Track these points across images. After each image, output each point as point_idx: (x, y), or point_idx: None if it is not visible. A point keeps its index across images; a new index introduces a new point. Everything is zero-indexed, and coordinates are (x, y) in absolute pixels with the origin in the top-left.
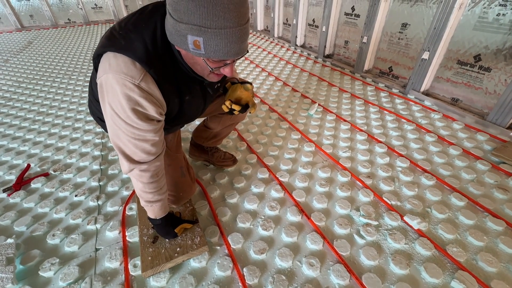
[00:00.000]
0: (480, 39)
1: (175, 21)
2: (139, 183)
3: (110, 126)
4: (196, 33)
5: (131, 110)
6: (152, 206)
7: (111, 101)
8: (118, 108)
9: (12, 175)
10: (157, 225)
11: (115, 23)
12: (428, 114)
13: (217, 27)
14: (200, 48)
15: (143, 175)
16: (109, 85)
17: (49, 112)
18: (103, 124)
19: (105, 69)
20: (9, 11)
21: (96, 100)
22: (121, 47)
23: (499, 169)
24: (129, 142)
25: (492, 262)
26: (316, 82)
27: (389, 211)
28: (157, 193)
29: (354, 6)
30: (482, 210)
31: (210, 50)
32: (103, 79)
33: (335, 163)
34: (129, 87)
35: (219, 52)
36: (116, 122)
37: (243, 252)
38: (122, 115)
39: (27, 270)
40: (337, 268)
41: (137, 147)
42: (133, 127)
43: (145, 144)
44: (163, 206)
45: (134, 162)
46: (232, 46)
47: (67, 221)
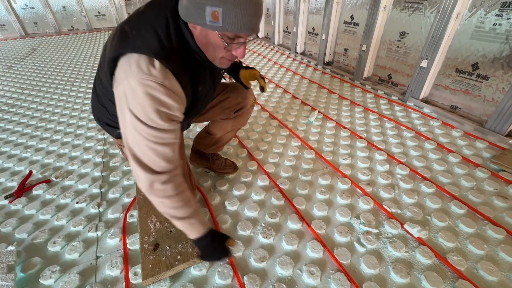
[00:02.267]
0: (478, 47)
1: None
2: (165, 200)
3: (130, 134)
4: (216, 2)
5: (155, 111)
6: (191, 224)
7: (132, 106)
8: (139, 112)
9: (14, 182)
10: (204, 246)
11: (123, 23)
12: (427, 121)
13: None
14: (218, 20)
15: (166, 188)
16: (131, 89)
17: (52, 118)
18: (110, 129)
19: (126, 73)
20: (14, 19)
21: (101, 105)
22: (137, 47)
23: (499, 176)
24: (150, 150)
25: (492, 271)
26: (316, 89)
27: (389, 219)
28: (188, 205)
29: (353, 15)
30: (482, 218)
31: (228, 22)
32: (125, 85)
33: (335, 170)
34: (153, 87)
35: (237, 24)
36: (137, 127)
37: (243, 260)
38: (144, 118)
39: (27, 278)
40: (338, 277)
41: (158, 154)
42: (156, 129)
43: (166, 149)
44: (201, 219)
45: (154, 173)
46: (250, 18)
47: (68, 228)
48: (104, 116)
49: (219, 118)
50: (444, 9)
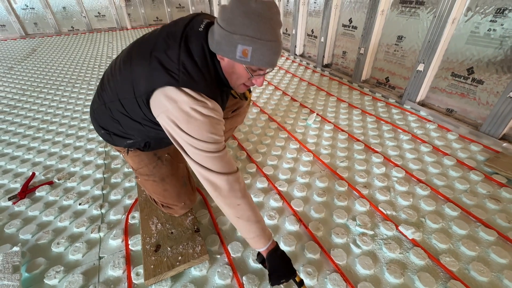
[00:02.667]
0: (473, 52)
1: (228, 33)
2: (243, 201)
3: (193, 153)
4: (247, 43)
5: (212, 130)
6: (263, 229)
7: (189, 130)
8: (198, 133)
9: (17, 183)
10: (276, 258)
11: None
12: (424, 124)
13: (266, 39)
14: (247, 56)
15: (242, 185)
16: (184, 114)
17: (53, 120)
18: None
19: (176, 101)
20: (14, 19)
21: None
22: (185, 83)
23: (492, 179)
24: (215, 159)
25: (483, 272)
26: (314, 92)
27: (384, 221)
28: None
29: (351, 18)
30: (474, 220)
31: (256, 58)
32: (176, 111)
33: (332, 173)
34: (208, 110)
35: (262, 61)
36: (198, 145)
37: (242, 260)
38: (203, 137)
39: (32, 278)
40: (334, 277)
41: (222, 159)
42: (214, 143)
43: (225, 154)
44: (266, 228)
45: (228, 174)
46: (273, 56)
47: (71, 230)
48: (112, 127)
49: None
50: (440, 14)
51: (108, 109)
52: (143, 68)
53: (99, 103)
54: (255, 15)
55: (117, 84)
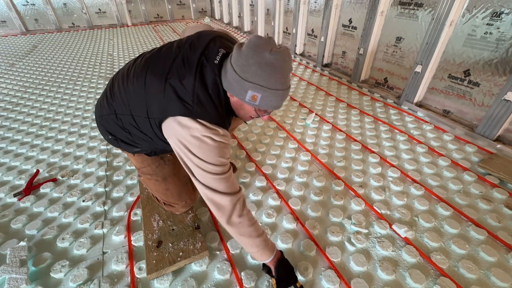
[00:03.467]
0: (469, 55)
1: (240, 78)
2: (245, 219)
3: (200, 175)
4: (257, 90)
5: (221, 154)
6: (266, 241)
7: (199, 153)
8: (209, 157)
9: (22, 180)
10: (283, 267)
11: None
12: (420, 125)
13: (275, 89)
14: (256, 101)
15: (244, 205)
16: (196, 140)
17: (56, 118)
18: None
19: (189, 128)
20: (15, 15)
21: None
22: (198, 115)
23: (485, 180)
24: (221, 180)
25: (472, 269)
26: (313, 92)
27: (378, 220)
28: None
29: (351, 18)
30: (466, 220)
31: (264, 104)
32: (187, 136)
33: (329, 173)
34: (218, 136)
35: (270, 106)
36: (207, 168)
37: (241, 257)
38: (213, 160)
39: (39, 271)
40: (328, 274)
41: (228, 180)
42: (222, 166)
43: (230, 175)
44: (270, 241)
45: (232, 194)
46: (280, 102)
47: (76, 225)
48: (121, 135)
49: None
50: (438, 17)
51: (119, 120)
52: (157, 94)
53: (109, 111)
54: (268, 66)
55: (130, 99)
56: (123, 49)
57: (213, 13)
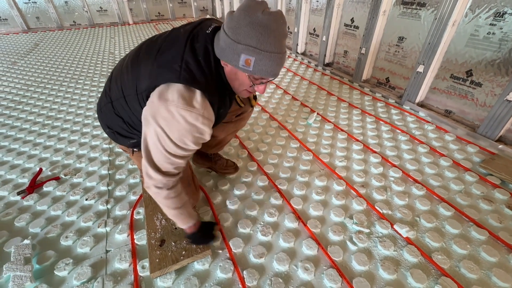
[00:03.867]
0: (472, 55)
1: (232, 41)
2: (163, 191)
3: (153, 144)
4: (250, 53)
5: (191, 137)
6: (182, 213)
7: (165, 126)
8: (174, 134)
9: (25, 178)
10: (193, 233)
11: (162, 53)
12: (422, 125)
13: (269, 51)
14: (249, 65)
15: (168, 183)
16: (169, 114)
17: (58, 116)
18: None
19: (166, 99)
20: (16, 13)
21: (116, 115)
22: (185, 79)
23: (486, 180)
24: (167, 160)
25: (473, 269)
26: (315, 91)
27: (380, 220)
28: (179, 198)
29: (353, 18)
30: (467, 220)
31: (258, 69)
32: (163, 109)
33: (331, 172)
34: (195, 118)
35: (264, 71)
36: (165, 144)
37: (243, 256)
38: (177, 140)
39: (43, 269)
40: (330, 273)
41: (173, 163)
42: (184, 149)
43: (182, 161)
44: (191, 211)
45: (164, 175)
46: (275, 67)
47: (79, 224)
48: (116, 125)
49: (222, 122)
50: (441, 17)
51: (115, 108)
52: (147, 66)
53: (106, 101)
54: (261, 27)
55: (123, 82)
56: (124, 47)
57: (214, 12)
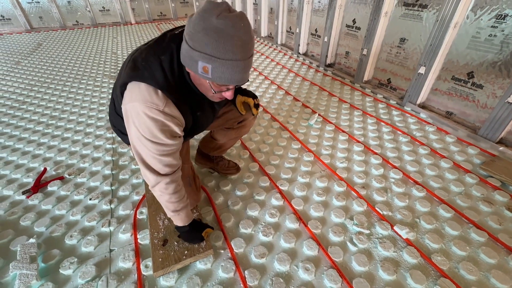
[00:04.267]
0: (473, 57)
1: (189, 48)
2: (165, 195)
3: (138, 145)
4: (206, 60)
5: (159, 131)
6: (179, 215)
7: (138, 126)
8: (145, 132)
9: (30, 178)
10: (184, 232)
11: (138, 53)
12: (423, 126)
13: (225, 58)
14: (208, 73)
15: (168, 187)
16: (135, 112)
17: (61, 116)
18: (124, 136)
19: (131, 97)
20: (19, 13)
21: (118, 115)
22: (145, 78)
23: (486, 182)
24: (155, 159)
25: (472, 271)
26: (317, 92)
27: (380, 221)
28: (181, 201)
29: (355, 19)
30: (467, 222)
31: (216, 76)
32: (130, 107)
33: (332, 173)
34: (156, 113)
35: (223, 79)
36: (144, 143)
37: (245, 256)
38: (149, 136)
39: (48, 268)
40: (330, 273)
41: (162, 162)
42: (161, 144)
43: (169, 158)
44: (188, 213)
45: (160, 175)
46: (235, 75)
47: (83, 223)
48: (119, 124)
49: (224, 127)
50: (442, 19)
51: (115, 106)
52: (125, 64)
53: (111, 101)
54: (215, 32)
55: (117, 81)
56: (127, 47)
57: None
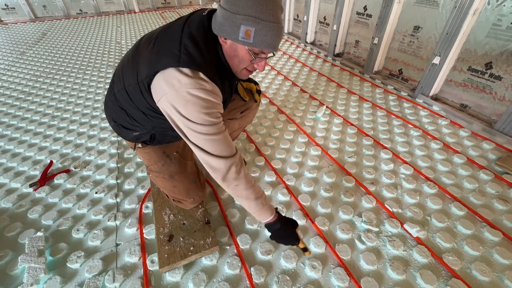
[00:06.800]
0: (493, 46)
1: (230, 13)
2: (242, 182)
3: (192, 136)
4: (250, 23)
5: (206, 113)
6: (263, 204)
7: (185, 113)
8: (194, 116)
9: (36, 171)
10: (277, 230)
11: (163, 38)
12: (436, 120)
13: (269, 20)
14: (249, 37)
15: (241, 170)
16: (184, 99)
17: (67, 108)
18: (126, 131)
19: (173, 85)
20: (23, 2)
21: (120, 108)
22: (185, 62)
23: (502, 179)
24: (213, 142)
25: (485, 272)
26: (325, 83)
27: (390, 218)
28: (256, 186)
29: (366, 6)
30: (480, 220)
31: (259, 40)
32: (174, 95)
33: (340, 168)
34: (205, 93)
35: (265, 43)
36: (195, 128)
37: (250, 252)
38: (199, 120)
39: (56, 261)
40: (338, 271)
41: (221, 142)
42: (210, 125)
43: (223, 136)
44: (268, 202)
45: (227, 158)
46: (275, 39)
47: (89, 217)
48: (120, 118)
49: (226, 118)
50: (461, 5)
51: (118, 100)
52: (146, 55)
53: (110, 95)
54: None
55: (125, 74)
56: (131, 36)
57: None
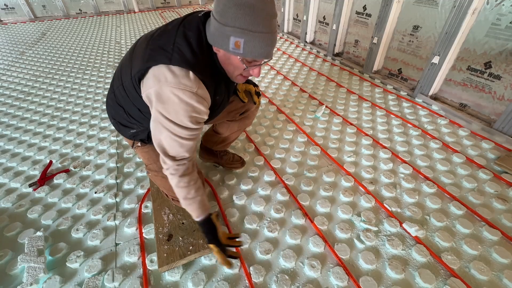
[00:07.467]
0: (492, 45)
1: (220, 24)
2: (175, 178)
3: (157, 129)
4: (238, 34)
5: (187, 116)
6: (191, 205)
7: (163, 109)
8: (172, 115)
9: (36, 171)
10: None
11: (157, 37)
12: (435, 119)
13: (257, 31)
14: (239, 48)
15: (183, 168)
16: (164, 95)
17: (66, 108)
18: (124, 129)
19: (159, 81)
20: (23, 1)
21: (118, 105)
22: (175, 60)
23: (501, 178)
24: (175, 143)
25: (484, 271)
26: (324, 83)
27: (389, 218)
28: (193, 187)
29: (365, 5)
30: (479, 220)
31: (248, 50)
32: (157, 90)
33: (339, 168)
34: (189, 96)
35: (255, 53)
36: (167, 126)
37: (250, 252)
38: (176, 120)
39: (55, 261)
40: (337, 271)
41: (182, 146)
42: (186, 128)
43: (190, 143)
44: (202, 205)
45: (176, 160)
46: (266, 48)
47: (89, 217)
48: (119, 115)
49: (226, 120)
50: (460, 4)
51: (116, 97)
52: (142, 50)
53: (110, 92)
54: (247, 7)
55: (122, 71)
56: (130, 36)
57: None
